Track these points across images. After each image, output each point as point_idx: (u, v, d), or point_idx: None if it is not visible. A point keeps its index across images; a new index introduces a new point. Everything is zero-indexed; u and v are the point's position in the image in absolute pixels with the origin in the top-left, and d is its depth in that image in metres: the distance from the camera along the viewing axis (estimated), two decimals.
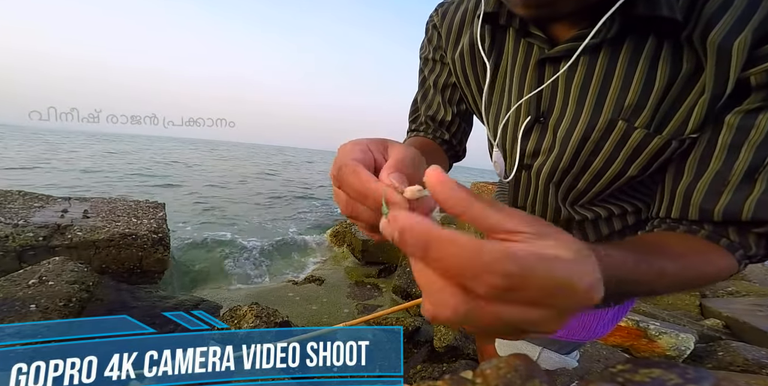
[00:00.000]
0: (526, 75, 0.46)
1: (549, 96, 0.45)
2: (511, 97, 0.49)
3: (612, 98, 0.41)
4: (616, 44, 0.39)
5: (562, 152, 0.46)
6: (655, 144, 0.40)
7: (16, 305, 1.04)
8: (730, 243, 0.38)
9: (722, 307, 2.40)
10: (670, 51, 0.37)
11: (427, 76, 0.62)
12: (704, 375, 0.18)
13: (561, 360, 0.71)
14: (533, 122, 0.47)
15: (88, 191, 6.62)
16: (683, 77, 0.37)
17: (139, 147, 26.41)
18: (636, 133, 0.40)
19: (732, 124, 0.36)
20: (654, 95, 0.39)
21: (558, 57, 0.42)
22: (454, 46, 0.55)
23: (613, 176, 0.45)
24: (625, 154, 0.42)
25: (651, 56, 0.38)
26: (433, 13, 0.59)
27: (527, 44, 0.46)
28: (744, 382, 1.17)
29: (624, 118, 0.41)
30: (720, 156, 0.37)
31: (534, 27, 0.43)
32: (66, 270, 1.29)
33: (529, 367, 0.17)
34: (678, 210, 0.41)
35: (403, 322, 1.70)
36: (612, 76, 0.40)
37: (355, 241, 2.78)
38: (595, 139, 0.43)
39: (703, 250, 0.37)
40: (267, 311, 1.43)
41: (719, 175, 0.37)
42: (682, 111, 0.38)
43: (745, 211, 0.36)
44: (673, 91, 0.38)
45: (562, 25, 0.42)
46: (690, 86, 0.38)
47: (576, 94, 0.43)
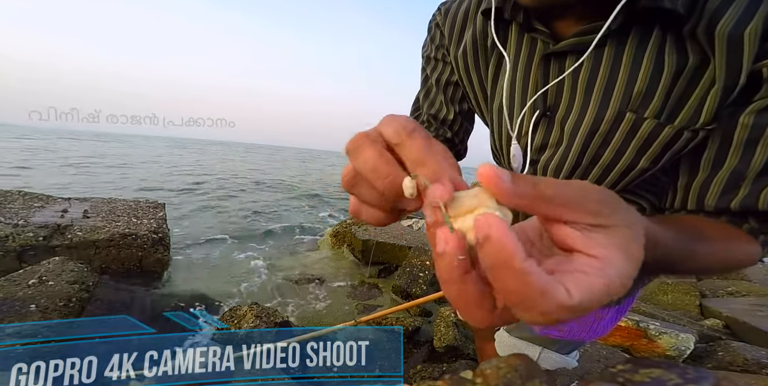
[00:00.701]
0: (531, 70, 0.47)
1: (555, 90, 0.46)
2: (515, 92, 0.49)
3: (620, 90, 0.41)
4: (622, 37, 0.39)
5: (569, 146, 0.46)
6: (666, 133, 0.40)
7: (16, 305, 1.04)
8: (752, 227, 0.38)
9: (722, 307, 2.40)
10: (673, 43, 0.38)
11: (430, 74, 0.62)
12: (704, 375, 0.18)
13: (561, 360, 0.71)
14: (540, 117, 0.48)
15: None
16: (690, 69, 0.38)
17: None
18: (646, 123, 0.40)
19: (747, 120, 0.36)
20: (662, 84, 0.39)
21: (563, 52, 0.42)
22: (457, 42, 0.55)
23: (624, 169, 0.44)
24: (635, 145, 0.42)
25: (657, 47, 0.38)
26: (435, 12, 0.59)
27: (531, 39, 0.46)
28: (744, 382, 1.17)
29: (632, 109, 0.41)
30: (736, 153, 0.37)
31: (538, 22, 0.43)
32: (66, 270, 1.29)
33: (529, 367, 0.17)
34: (694, 203, 0.41)
35: (403, 322, 1.70)
36: (619, 68, 0.40)
37: (355, 241, 2.78)
38: (603, 131, 0.43)
39: (732, 235, 0.38)
40: (267, 311, 1.43)
41: (736, 171, 0.38)
42: (692, 101, 0.38)
43: (762, 201, 0.36)
44: (681, 80, 0.38)
45: (566, 20, 0.42)
46: (698, 77, 0.38)
47: (583, 88, 0.43)
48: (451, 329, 1.59)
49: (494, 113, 0.54)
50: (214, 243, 4.45)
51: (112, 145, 23.11)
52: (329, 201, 9.03)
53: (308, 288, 2.37)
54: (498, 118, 0.53)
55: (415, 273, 2.23)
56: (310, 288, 2.37)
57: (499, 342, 0.78)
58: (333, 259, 3.09)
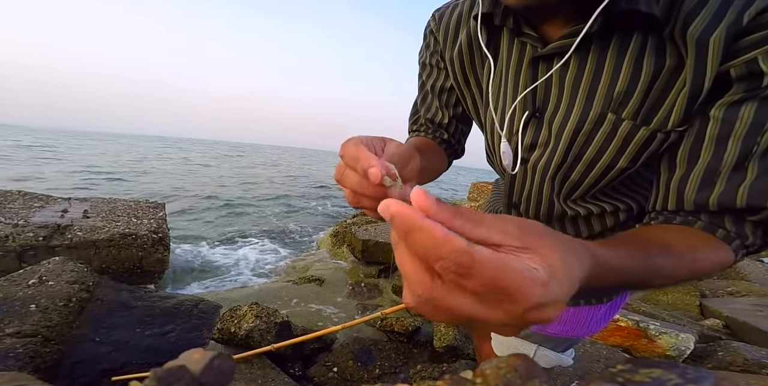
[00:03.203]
0: (520, 73, 0.49)
1: (543, 92, 0.47)
2: (507, 94, 0.51)
3: (602, 92, 0.42)
4: (605, 40, 0.41)
5: (556, 145, 0.48)
6: (641, 135, 0.42)
7: (16, 305, 1.04)
8: (727, 233, 0.39)
9: (722, 307, 2.40)
10: (654, 46, 0.39)
11: (425, 80, 0.65)
12: (704, 375, 0.18)
13: (556, 357, 0.72)
14: (530, 117, 0.49)
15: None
16: (667, 71, 0.39)
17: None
18: (624, 125, 0.42)
19: (717, 116, 0.37)
20: (639, 88, 0.40)
21: (550, 55, 0.44)
22: (452, 46, 0.57)
23: (605, 167, 0.46)
24: (615, 145, 0.44)
25: (637, 51, 0.40)
26: (429, 20, 0.62)
27: (521, 43, 0.48)
28: (744, 382, 1.17)
29: (613, 110, 0.43)
30: (709, 148, 0.38)
31: (527, 26, 0.45)
32: (66, 270, 1.29)
33: (529, 367, 0.17)
34: (673, 203, 0.42)
35: (403, 322, 1.70)
36: (602, 71, 0.42)
37: (355, 241, 2.78)
38: (586, 131, 0.45)
39: (698, 245, 0.38)
40: (267, 311, 1.43)
41: (710, 167, 0.39)
42: (666, 104, 0.40)
43: (739, 199, 0.37)
44: (657, 84, 0.40)
45: (553, 24, 0.43)
46: (673, 80, 0.39)
47: (569, 89, 0.45)
48: (451, 329, 1.59)
49: (488, 113, 0.56)
50: (215, 243, 4.46)
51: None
52: (329, 202, 9.04)
53: (308, 287, 2.37)
54: (491, 117, 0.55)
55: None
56: (310, 288, 2.37)
57: (495, 340, 0.78)
58: (333, 259, 3.09)
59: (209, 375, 0.18)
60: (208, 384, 0.18)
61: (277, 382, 1.22)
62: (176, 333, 1.28)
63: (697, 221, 0.40)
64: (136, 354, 1.14)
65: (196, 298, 1.51)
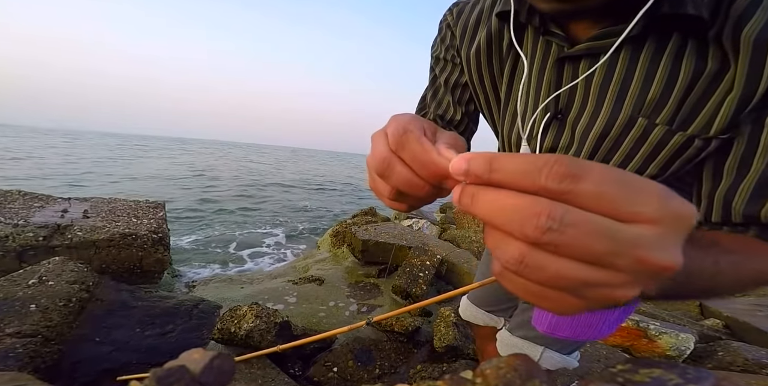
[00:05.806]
0: (544, 72, 0.47)
1: (568, 93, 0.46)
2: (529, 94, 0.49)
3: (633, 95, 0.40)
4: (638, 42, 0.39)
5: (580, 149, 0.46)
6: (677, 140, 0.39)
7: (16, 305, 1.04)
8: None
9: (722, 307, 2.40)
10: (694, 49, 0.37)
11: (438, 74, 0.63)
12: (704, 375, 0.18)
13: (562, 359, 0.71)
14: (551, 119, 0.48)
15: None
16: (708, 75, 0.37)
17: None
18: (657, 130, 0.40)
19: None
20: (676, 91, 0.38)
21: (578, 55, 0.42)
22: (470, 43, 0.55)
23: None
24: (644, 151, 0.42)
25: (674, 54, 0.38)
26: (446, 13, 0.59)
27: (546, 42, 0.46)
28: (744, 382, 1.17)
29: (645, 115, 0.40)
30: (763, 156, 0.36)
31: (554, 25, 0.43)
32: (66, 270, 1.29)
33: (529, 367, 0.17)
34: (718, 214, 0.39)
35: (403, 322, 1.70)
36: (633, 74, 0.40)
37: (355, 241, 2.78)
38: (614, 135, 0.43)
39: (756, 247, 0.35)
40: (267, 311, 1.43)
41: (764, 176, 0.36)
42: (707, 109, 0.38)
43: None
44: (697, 88, 0.37)
45: (582, 24, 0.42)
46: (715, 84, 0.37)
47: (596, 92, 0.43)
48: (451, 329, 1.59)
49: (505, 114, 0.54)
50: (215, 243, 4.46)
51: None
52: (328, 201, 9.02)
53: (308, 287, 2.36)
54: (510, 119, 0.53)
55: (415, 273, 2.23)
56: (310, 287, 2.37)
57: (500, 341, 0.78)
58: (333, 259, 3.09)
59: (209, 375, 0.18)
60: (208, 384, 0.18)
61: (277, 382, 1.22)
62: (176, 333, 1.28)
63: (748, 232, 0.38)
64: (136, 354, 1.14)
65: (196, 298, 1.51)
